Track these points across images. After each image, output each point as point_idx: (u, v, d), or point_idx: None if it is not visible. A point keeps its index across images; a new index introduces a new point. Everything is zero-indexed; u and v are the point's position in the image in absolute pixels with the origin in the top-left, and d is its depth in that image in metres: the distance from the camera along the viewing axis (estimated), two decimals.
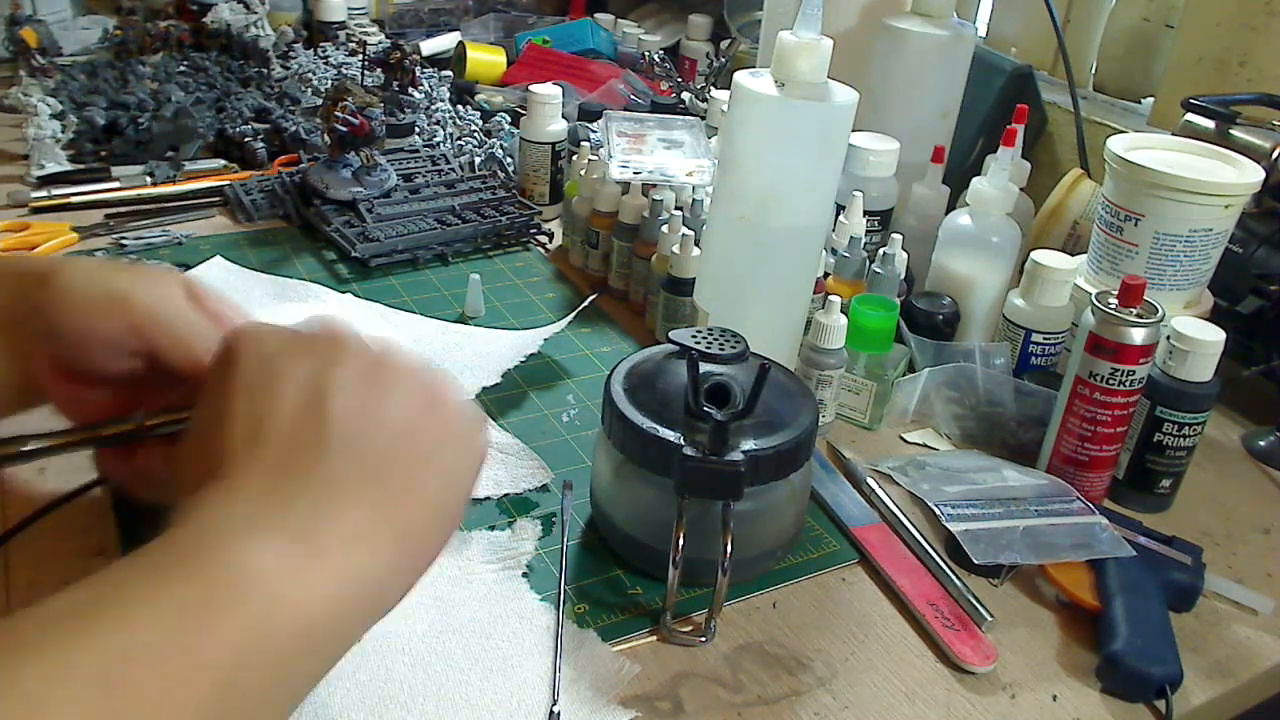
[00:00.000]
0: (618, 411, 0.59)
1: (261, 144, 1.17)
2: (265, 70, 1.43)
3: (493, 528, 0.64)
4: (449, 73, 1.46)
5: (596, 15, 1.70)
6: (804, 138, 0.69)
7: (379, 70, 1.31)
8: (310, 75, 1.42)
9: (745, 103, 0.70)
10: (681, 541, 0.55)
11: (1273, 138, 0.85)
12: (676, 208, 0.92)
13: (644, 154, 0.97)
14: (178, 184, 1.09)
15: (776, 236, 0.72)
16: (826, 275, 0.84)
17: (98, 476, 0.57)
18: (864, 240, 0.86)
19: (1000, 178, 0.83)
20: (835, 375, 0.75)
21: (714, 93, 1.14)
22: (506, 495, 0.67)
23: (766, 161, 0.71)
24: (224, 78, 1.38)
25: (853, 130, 0.72)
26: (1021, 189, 0.94)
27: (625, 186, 0.93)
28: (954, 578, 0.63)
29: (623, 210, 0.93)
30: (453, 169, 1.14)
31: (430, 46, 1.54)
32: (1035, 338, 0.80)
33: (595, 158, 0.99)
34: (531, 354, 0.77)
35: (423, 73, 1.38)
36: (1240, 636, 0.62)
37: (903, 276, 0.83)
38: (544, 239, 1.06)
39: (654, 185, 0.94)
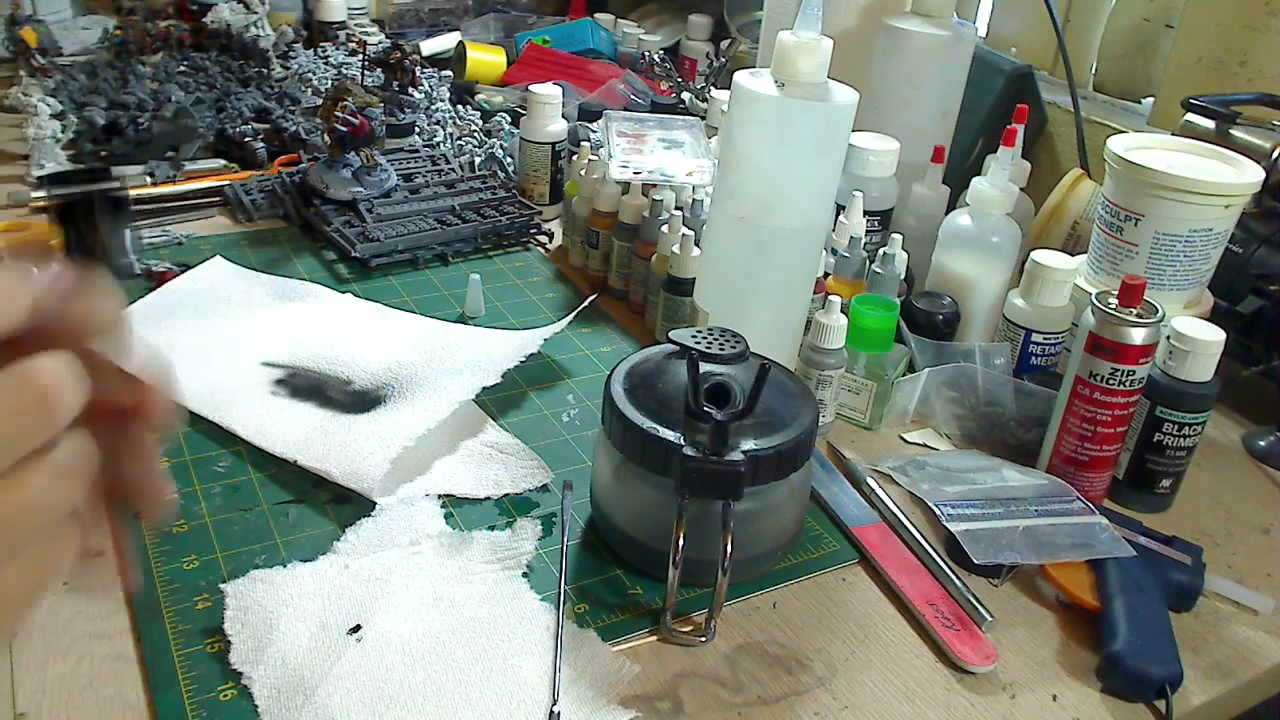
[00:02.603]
0: (618, 411, 0.59)
1: (261, 144, 1.17)
2: (265, 70, 1.43)
3: (493, 528, 0.64)
4: (449, 73, 1.46)
5: (596, 15, 1.70)
6: (804, 138, 0.69)
7: (379, 70, 1.31)
8: (310, 75, 1.42)
9: (745, 103, 0.70)
10: (681, 541, 0.55)
11: (1273, 138, 0.85)
12: (676, 208, 0.92)
13: (644, 154, 0.97)
14: (178, 184, 1.09)
15: (776, 236, 0.72)
16: (826, 275, 0.84)
17: None
18: (864, 240, 0.86)
19: (1000, 178, 0.83)
20: (835, 375, 0.75)
21: (714, 93, 1.14)
22: (506, 495, 0.67)
23: (766, 161, 0.71)
24: (224, 78, 1.38)
25: (853, 130, 0.72)
26: (1021, 189, 0.94)
27: (625, 186, 0.93)
28: (954, 578, 0.63)
29: (623, 210, 0.93)
30: (453, 169, 1.14)
31: (430, 46, 1.54)
32: (1035, 338, 0.80)
33: (595, 158, 0.99)
34: (531, 354, 0.77)
35: (423, 73, 1.38)
36: (1240, 636, 0.62)
37: (903, 276, 0.83)
38: (544, 239, 1.06)
39: (654, 185, 0.94)
